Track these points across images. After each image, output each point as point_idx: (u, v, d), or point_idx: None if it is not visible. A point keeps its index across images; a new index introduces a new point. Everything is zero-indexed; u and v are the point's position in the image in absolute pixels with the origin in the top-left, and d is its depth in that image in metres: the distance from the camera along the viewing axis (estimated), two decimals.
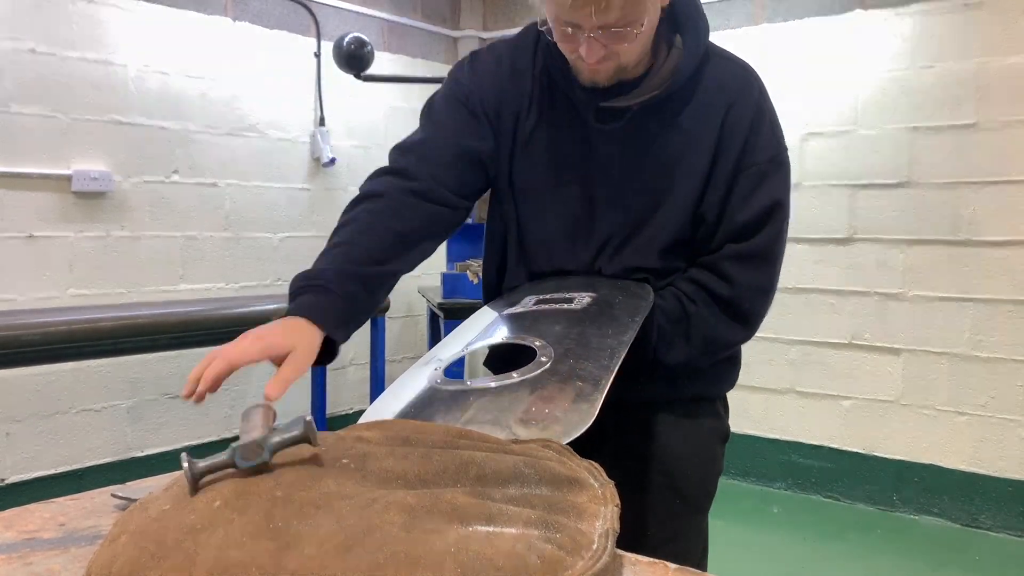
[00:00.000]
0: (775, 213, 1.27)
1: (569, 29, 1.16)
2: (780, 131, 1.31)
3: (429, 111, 1.39)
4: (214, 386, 1.00)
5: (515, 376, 1.09)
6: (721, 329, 1.29)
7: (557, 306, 1.27)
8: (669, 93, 1.25)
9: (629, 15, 1.13)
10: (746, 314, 1.30)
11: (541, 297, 1.32)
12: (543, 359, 1.11)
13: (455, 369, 1.20)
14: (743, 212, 1.26)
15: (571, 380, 1.06)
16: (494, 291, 1.46)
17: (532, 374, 1.09)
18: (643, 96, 1.25)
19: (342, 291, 1.12)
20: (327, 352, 1.11)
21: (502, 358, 1.33)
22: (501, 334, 1.26)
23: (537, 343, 1.16)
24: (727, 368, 1.40)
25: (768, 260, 1.29)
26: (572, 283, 1.34)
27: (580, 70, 1.24)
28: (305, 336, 1.06)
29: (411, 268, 1.25)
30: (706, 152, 1.27)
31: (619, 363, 1.09)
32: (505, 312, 1.33)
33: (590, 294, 1.28)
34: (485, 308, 1.42)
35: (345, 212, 1.27)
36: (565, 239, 1.34)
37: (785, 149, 1.31)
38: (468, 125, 1.32)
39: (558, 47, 1.23)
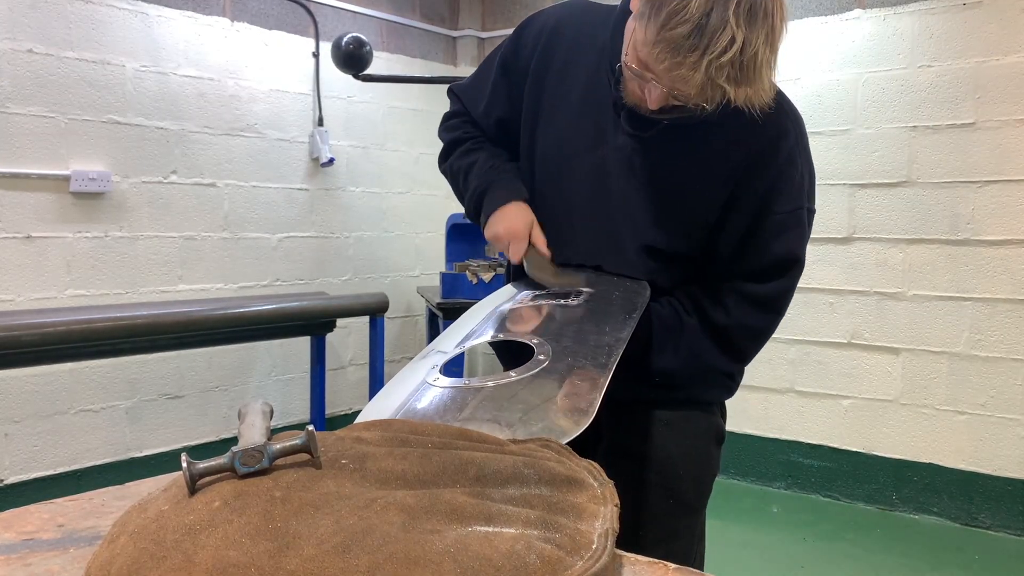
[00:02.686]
0: (791, 268, 1.28)
1: (645, 73, 1.13)
2: (808, 187, 1.29)
3: (488, 62, 1.48)
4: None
5: (513, 375, 1.09)
6: (707, 350, 1.30)
7: (554, 301, 1.27)
8: (705, 118, 1.21)
9: (704, 100, 1.11)
10: (735, 349, 1.31)
11: (538, 292, 1.32)
12: (541, 357, 1.11)
13: (454, 369, 1.20)
14: (759, 257, 1.27)
15: (569, 379, 1.06)
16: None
17: (530, 373, 1.09)
18: (677, 115, 1.22)
19: (513, 172, 1.42)
20: None
21: (509, 349, 1.34)
22: (499, 331, 1.26)
23: (534, 340, 1.16)
24: (720, 378, 1.39)
25: (772, 309, 1.30)
26: (569, 280, 1.34)
27: (630, 92, 1.22)
28: (529, 211, 1.37)
29: None
30: (721, 188, 1.25)
31: (616, 361, 1.09)
32: (502, 307, 1.33)
33: (587, 290, 1.28)
34: (483, 301, 1.42)
35: (450, 158, 1.51)
36: (567, 223, 1.36)
37: (809, 206, 1.29)
38: (500, 94, 1.44)
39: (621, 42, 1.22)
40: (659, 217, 1.29)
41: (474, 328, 1.29)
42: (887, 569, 2.93)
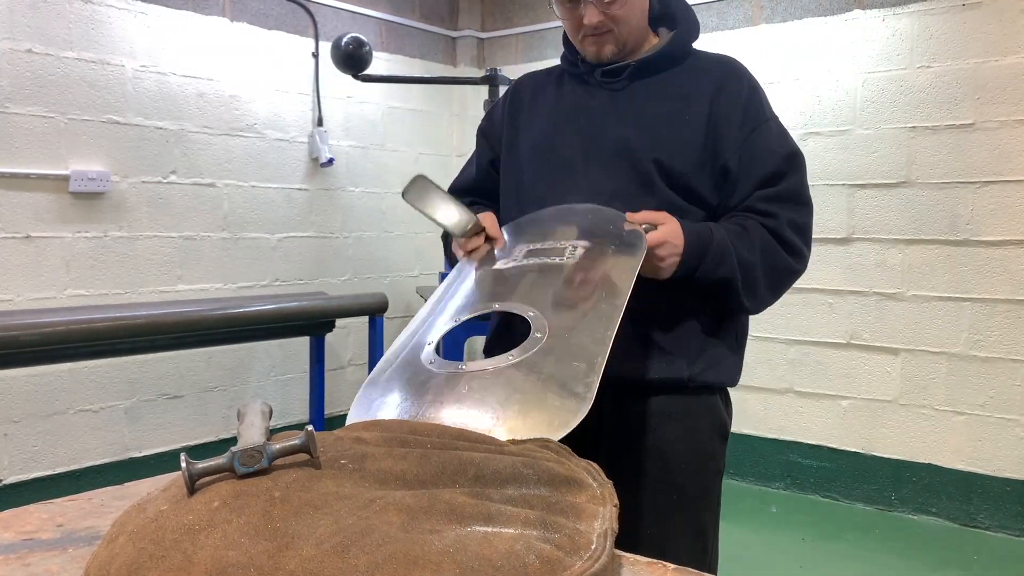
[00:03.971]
0: (795, 160, 1.40)
1: (569, 3, 1.36)
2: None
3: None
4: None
5: (511, 358, 1.08)
6: (773, 248, 1.36)
7: (548, 260, 1.26)
8: (662, 56, 1.41)
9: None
10: (792, 246, 1.38)
11: (531, 248, 1.31)
12: (538, 335, 1.11)
13: (454, 352, 1.19)
14: (767, 163, 1.37)
15: (567, 360, 1.05)
16: None
17: (528, 354, 1.08)
18: (638, 57, 1.42)
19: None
20: None
21: (501, 319, 1.39)
22: (492, 299, 1.25)
23: (531, 312, 1.15)
24: (725, 353, 1.42)
25: (800, 201, 1.39)
26: (564, 230, 1.33)
27: (586, 48, 1.42)
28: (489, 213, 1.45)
29: None
30: (699, 110, 1.37)
31: (615, 331, 1.08)
32: (495, 267, 1.31)
33: (583, 243, 1.27)
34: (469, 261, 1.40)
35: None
36: (569, 173, 1.41)
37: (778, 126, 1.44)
38: (484, 149, 1.61)
39: (570, 46, 1.47)
40: (656, 141, 1.38)
41: (465, 300, 1.27)
42: (886, 569, 2.93)
